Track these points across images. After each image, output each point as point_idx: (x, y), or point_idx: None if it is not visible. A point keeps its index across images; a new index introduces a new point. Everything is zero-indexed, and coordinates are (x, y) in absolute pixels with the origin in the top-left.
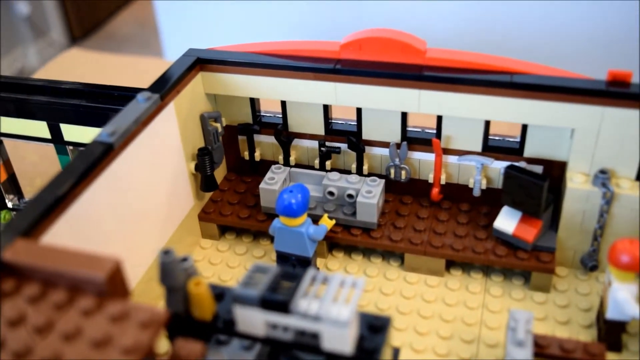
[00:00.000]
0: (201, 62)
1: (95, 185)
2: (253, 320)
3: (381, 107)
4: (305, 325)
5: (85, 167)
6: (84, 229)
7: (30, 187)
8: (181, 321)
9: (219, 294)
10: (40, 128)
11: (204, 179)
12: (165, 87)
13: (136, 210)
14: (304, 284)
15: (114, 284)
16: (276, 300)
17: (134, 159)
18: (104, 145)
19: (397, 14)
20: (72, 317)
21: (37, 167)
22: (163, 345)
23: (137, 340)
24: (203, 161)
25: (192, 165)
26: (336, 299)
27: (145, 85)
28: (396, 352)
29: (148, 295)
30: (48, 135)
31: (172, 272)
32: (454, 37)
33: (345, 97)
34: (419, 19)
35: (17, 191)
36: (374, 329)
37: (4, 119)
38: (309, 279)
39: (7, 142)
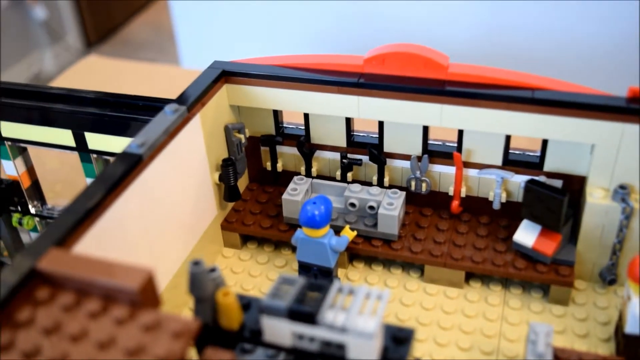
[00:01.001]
0: (226, 75)
1: (125, 196)
2: (280, 330)
3: (403, 120)
4: (332, 336)
5: (116, 178)
6: (113, 239)
7: (51, 193)
8: (209, 330)
9: (246, 304)
10: (65, 136)
11: (227, 189)
12: (192, 99)
13: (162, 220)
14: (330, 296)
15: (147, 294)
16: (303, 311)
17: (162, 170)
18: (134, 157)
19: (419, 27)
20: (106, 326)
21: (57, 173)
22: (191, 354)
23: (170, 349)
24: (227, 172)
25: (216, 175)
26: (362, 311)
27: (164, 92)
28: None
29: (172, 303)
30: (73, 144)
31: (201, 282)
32: (473, 49)
33: (368, 110)
34: (440, 33)
35: (40, 197)
36: (397, 340)
37: (29, 126)
38: (335, 290)
39: (30, 149)
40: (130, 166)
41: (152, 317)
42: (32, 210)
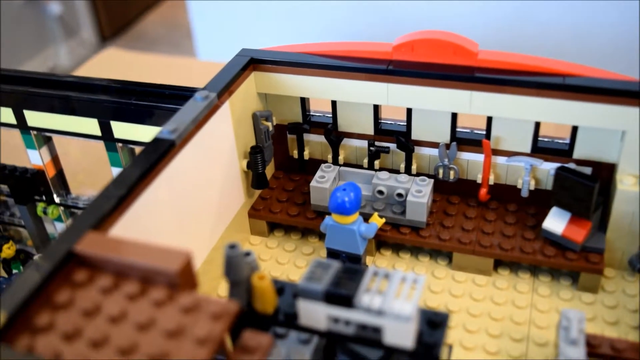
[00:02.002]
0: (254, 62)
1: (157, 182)
2: (316, 314)
3: (433, 107)
4: (368, 319)
5: (149, 163)
6: (145, 224)
7: (74, 182)
8: (243, 314)
9: (280, 288)
10: (90, 125)
11: (255, 177)
12: (221, 86)
13: (192, 207)
14: (366, 280)
15: (185, 276)
16: (340, 294)
17: (192, 157)
18: (167, 143)
19: (448, 14)
20: (145, 307)
21: (79, 162)
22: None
23: (210, 331)
24: (255, 159)
25: (244, 163)
26: (398, 295)
27: (183, 84)
28: (450, 349)
29: (201, 289)
30: (98, 133)
31: (237, 265)
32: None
33: (397, 97)
34: (469, 20)
35: (64, 187)
36: (432, 324)
37: (55, 115)
38: (371, 274)
39: (53, 138)
40: (163, 152)
41: (190, 299)
42: (57, 200)
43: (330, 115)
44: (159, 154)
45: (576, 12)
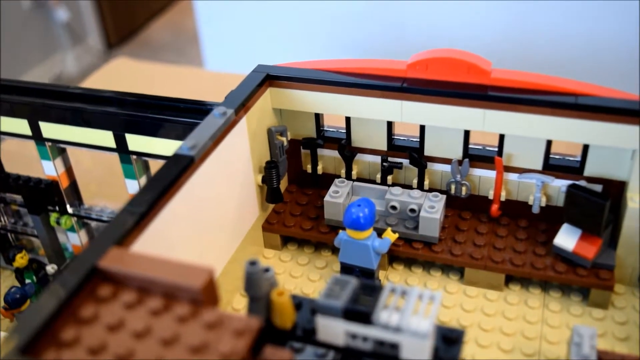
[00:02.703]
0: (270, 78)
1: (177, 197)
2: (334, 329)
3: (446, 125)
4: (386, 335)
5: (170, 179)
6: (164, 240)
7: (87, 193)
8: (262, 329)
9: (298, 303)
10: (105, 137)
11: (269, 191)
12: (239, 102)
13: (209, 220)
14: (383, 296)
15: (208, 293)
16: (359, 311)
17: (210, 172)
18: (186, 159)
19: (461, 33)
20: (169, 323)
21: (92, 173)
22: None
23: (234, 347)
24: (270, 174)
25: (259, 177)
26: (416, 312)
27: (193, 94)
28: None
29: None
30: (113, 145)
31: (257, 282)
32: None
33: (411, 114)
34: (481, 39)
35: (78, 197)
36: (448, 340)
37: (70, 127)
38: (388, 291)
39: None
40: (182, 168)
41: (214, 315)
42: (70, 210)
43: (344, 131)
44: (179, 170)
45: (584, 22)
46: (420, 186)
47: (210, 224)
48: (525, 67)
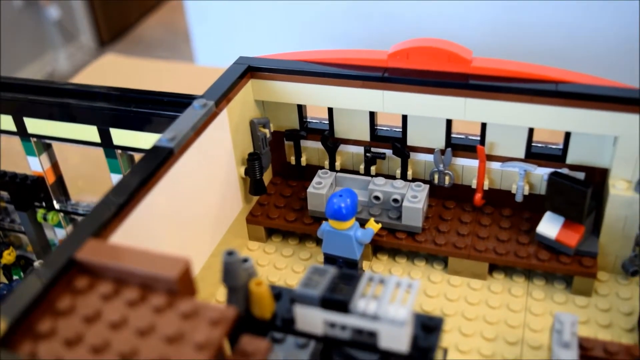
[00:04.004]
0: (252, 70)
1: (156, 189)
2: (312, 319)
3: (428, 114)
4: (364, 324)
5: (148, 171)
6: (144, 231)
7: (74, 188)
8: (241, 319)
9: (277, 293)
10: (90, 132)
11: (253, 183)
12: (219, 94)
13: (190, 213)
14: (361, 285)
15: (184, 283)
16: (336, 300)
17: (191, 164)
18: (165, 151)
19: (442, 22)
20: (145, 314)
21: (79, 169)
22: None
23: (209, 336)
24: (253, 166)
25: (242, 169)
26: (393, 300)
27: (182, 89)
28: (445, 352)
29: (200, 294)
30: (98, 140)
31: (235, 272)
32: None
33: (393, 104)
34: (463, 27)
35: (64, 193)
36: (427, 328)
37: (55, 123)
38: (366, 280)
39: (53, 145)
40: (161, 160)
41: (189, 305)
42: (57, 206)
43: (327, 122)
44: (157, 162)
45: (571, 14)
46: (403, 176)
47: (193, 216)
48: (515, 58)
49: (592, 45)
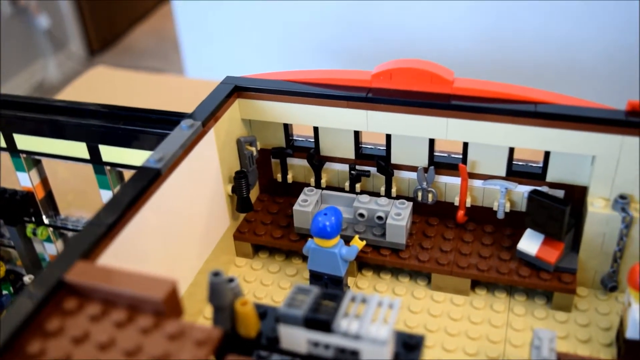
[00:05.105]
0: (238, 90)
1: (144, 210)
2: (296, 338)
3: (411, 134)
4: (346, 343)
5: (136, 192)
6: (133, 251)
7: (63, 203)
8: (227, 338)
9: (262, 312)
10: (79, 149)
11: (240, 201)
12: (207, 114)
13: (178, 232)
14: (344, 305)
15: (170, 304)
16: (319, 319)
17: (178, 184)
18: (153, 171)
19: (424, 43)
20: (132, 335)
21: (68, 183)
22: None
23: (195, 356)
24: (240, 184)
25: (229, 187)
26: (374, 319)
27: (172, 102)
28: None
29: (187, 312)
30: (87, 156)
31: (221, 292)
32: (475, 58)
33: (376, 124)
34: (441, 43)
35: (54, 208)
36: (408, 346)
37: (44, 139)
38: (349, 299)
39: (43, 160)
40: (149, 181)
41: (176, 326)
42: (46, 221)
43: (313, 140)
44: (145, 183)
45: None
46: (387, 193)
47: (181, 234)
48: (505, 70)
49: (579, 60)
